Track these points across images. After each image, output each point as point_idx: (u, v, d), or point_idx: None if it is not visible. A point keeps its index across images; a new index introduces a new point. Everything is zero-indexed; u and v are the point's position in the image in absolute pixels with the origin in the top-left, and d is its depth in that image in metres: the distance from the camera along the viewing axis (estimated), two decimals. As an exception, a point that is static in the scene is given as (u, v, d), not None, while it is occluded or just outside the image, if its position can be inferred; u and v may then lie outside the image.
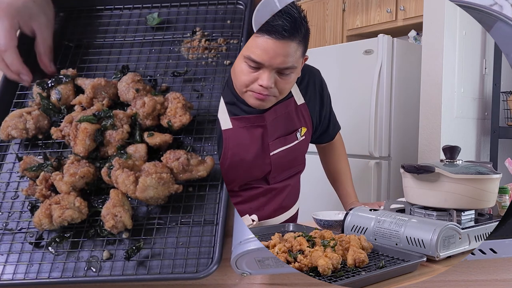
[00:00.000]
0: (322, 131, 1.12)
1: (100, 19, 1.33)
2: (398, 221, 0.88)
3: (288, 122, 0.97)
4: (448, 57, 1.50)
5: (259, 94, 0.87)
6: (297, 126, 1.00)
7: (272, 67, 0.84)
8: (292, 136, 0.99)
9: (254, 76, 0.86)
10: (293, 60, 0.85)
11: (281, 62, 0.83)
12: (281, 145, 0.98)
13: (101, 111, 1.05)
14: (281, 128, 0.97)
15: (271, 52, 0.82)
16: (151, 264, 0.93)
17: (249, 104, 0.93)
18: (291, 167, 1.03)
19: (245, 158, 0.94)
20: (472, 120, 1.53)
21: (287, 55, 0.83)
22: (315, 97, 1.03)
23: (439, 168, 0.93)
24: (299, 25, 0.82)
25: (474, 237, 0.89)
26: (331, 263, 0.76)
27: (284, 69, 0.85)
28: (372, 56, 1.67)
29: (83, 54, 1.26)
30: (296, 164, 1.04)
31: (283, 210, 1.08)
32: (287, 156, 0.99)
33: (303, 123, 1.01)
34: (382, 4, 1.87)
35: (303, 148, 1.04)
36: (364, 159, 1.66)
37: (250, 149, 0.94)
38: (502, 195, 1.02)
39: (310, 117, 1.03)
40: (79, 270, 0.93)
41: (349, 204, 1.10)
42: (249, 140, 0.93)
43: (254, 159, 0.96)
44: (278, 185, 1.03)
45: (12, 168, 1.09)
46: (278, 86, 0.88)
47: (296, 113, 0.99)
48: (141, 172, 0.97)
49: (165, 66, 1.22)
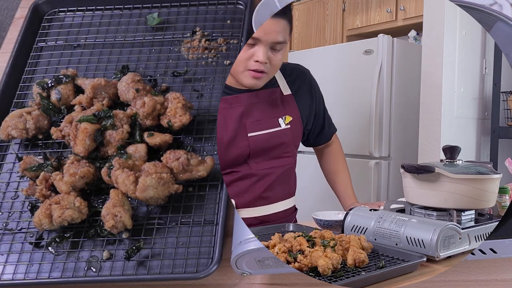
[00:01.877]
0: (318, 132, 1.13)
1: (100, 19, 1.33)
2: (398, 221, 0.88)
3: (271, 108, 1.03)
4: (448, 57, 1.50)
5: (255, 72, 0.96)
6: (281, 113, 1.04)
7: (267, 42, 0.94)
8: (274, 121, 1.02)
9: (250, 53, 0.95)
10: (284, 35, 0.96)
11: (275, 37, 0.94)
12: (261, 128, 1.01)
13: (101, 111, 1.05)
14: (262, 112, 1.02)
15: (267, 28, 0.94)
16: (151, 264, 0.93)
17: (244, 84, 0.99)
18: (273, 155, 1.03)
19: (223, 137, 0.99)
20: (472, 120, 1.53)
21: (280, 31, 0.95)
22: (303, 91, 1.07)
23: (439, 168, 0.93)
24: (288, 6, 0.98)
25: (474, 237, 0.89)
26: (331, 263, 0.76)
27: (277, 43, 0.95)
28: (372, 56, 1.67)
29: (83, 54, 1.26)
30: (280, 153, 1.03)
31: (263, 201, 1.04)
32: (268, 142, 1.01)
33: (289, 112, 1.04)
34: (382, 4, 1.87)
35: (288, 137, 1.04)
36: (364, 159, 1.66)
37: (227, 128, 0.99)
38: (502, 195, 1.02)
39: (297, 108, 1.05)
40: (79, 270, 0.93)
41: (349, 206, 1.10)
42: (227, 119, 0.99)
43: (230, 138, 0.99)
44: (258, 172, 1.02)
45: (12, 168, 1.09)
46: (271, 62, 0.96)
47: (281, 101, 1.04)
48: (141, 172, 0.97)
49: (165, 66, 1.22)
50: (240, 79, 0.99)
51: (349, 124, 1.68)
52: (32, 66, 1.25)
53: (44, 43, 1.30)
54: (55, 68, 1.24)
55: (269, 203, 1.05)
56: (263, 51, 0.94)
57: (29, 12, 1.32)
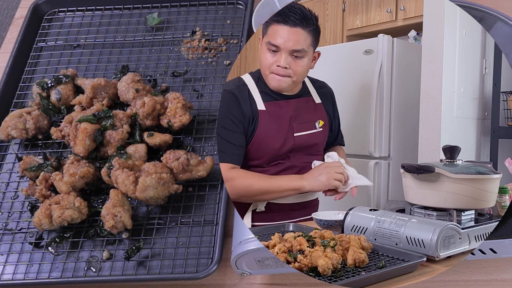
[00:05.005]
0: (332, 140, 1.21)
1: (101, 19, 1.33)
2: (398, 221, 0.88)
3: (308, 113, 1.13)
4: (448, 57, 1.49)
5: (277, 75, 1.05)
6: (316, 118, 1.14)
7: (286, 49, 1.03)
8: (312, 124, 1.13)
9: (274, 59, 1.04)
10: (303, 44, 1.04)
11: (293, 44, 1.02)
12: (304, 129, 1.12)
13: (101, 111, 1.05)
14: (303, 116, 1.13)
15: (286, 37, 1.02)
16: (151, 264, 0.93)
17: (270, 86, 1.07)
18: (310, 153, 1.14)
19: (276, 135, 1.07)
20: (472, 120, 1.53)
21: (298, 40, 1.03)
22: (328, 102, 1.18)
23: (439, 168, 0.93)
24: (309, 19, 1.04)
25: (474, 237, 0.89)
26: (331, 263, 0.76)
27: (296, 51, 1.03)
28: (372, 56, 1.67)
29: (83, 54, 1.26)
30: (313, 151, 1.14)
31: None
32: (308, 141, 1.12)
33: (321, 117, 1.15)
34: (382, 4, 1.87)
35: (321, 138, 1.14)
36: (364, 159, 1.66)
37: (280, 129, 1.08)
38: (502, 195, 1.02)
39: (326, 115, 1.16)
40: (79, 270, 0.93)
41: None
42: (279, 120, 1.08)
43: (283, 138, 1.08)
44: (298, 163, 1.12)
45: (12, 168, 1.09)
46: (292, 68, 1.04)
47: (314, 108, 1.15)
48: (141, 172, 0.97)
49: (165, 66, 1.22)
50: (268, 81, 1.07)
51: (349, 124, 1.68)
52: (32, 66, 1.25)
53: (44, 43, 1.30)
54: (55, 68, 1.24)
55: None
56: (284, 57, 1.03)
57: (29, 12, 1.32)
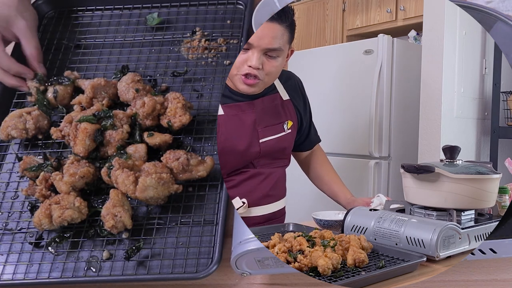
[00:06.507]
0: (304, 138, 1.15)
1: (100, 19, 1.33)
2: (398, 221, 0.88)
3: (275, 114, 1.04)
4: (448, 57, 1.50)
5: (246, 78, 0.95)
6: (284, 118, 1.06)
7: (260, 47, 0.92)
8: (280, 127, 1.04)
9: (244, 58, 0.94)
10: (280, 42, 0.93)
11: (268, 42, 0.91)
12: (270, 134, 1.03)
13: (101, 111, 1.05)
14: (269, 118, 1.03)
15: (260, 33, 0.91)
16: (151, 264, 0.93)
17: (238, 89, 0.98)
18: (277, 157, 1.06)
19: (237, 143, 0.99)
20: (472, 120, 1.53)
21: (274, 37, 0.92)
22: (298, 97, 1.10)
23: (439, 168, 0.93)
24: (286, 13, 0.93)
25: (474, 237, 0.89)
26: (331, 263, 0.76)
27: (271, 50, 0.93)
28: (372, 56, 1.67)
29: (83, 54, 1.26)
30: (282, 156, 1.07)
31: (270, 199, 1.08)
32: (275, 146, 1.04)
33: (289, 117, 1.07)
34: (382, 4, 1.87)
35: (289, 141, 1.07)
36: (364, 159, 1.66)
37: (242, 135, 0.99)
38: (502, 195, 1.03)
39: (295, 113, 1.08)
40: (79, 270, 0.93)
41: (348, 200, 1.10)
42: (241, 126, 0.99)
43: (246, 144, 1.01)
44: (264, 170, 1.05)
45: (12, 168, 1.09)
46: (265, 68, 0.94)
47: (282, 107, 1.05)
48: (141, 172, 0.97)
49: (165, 66, 1.22)
50: (235, 83, 0.99)
51: (349, 124, 1.68)
52: (32, 66, 1.25)
53: (44, 43, 1.29)
54: (55, 68, 1.24)
55: (275, 201, 1.09)
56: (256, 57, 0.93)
57: (29, 12, 1.32)
